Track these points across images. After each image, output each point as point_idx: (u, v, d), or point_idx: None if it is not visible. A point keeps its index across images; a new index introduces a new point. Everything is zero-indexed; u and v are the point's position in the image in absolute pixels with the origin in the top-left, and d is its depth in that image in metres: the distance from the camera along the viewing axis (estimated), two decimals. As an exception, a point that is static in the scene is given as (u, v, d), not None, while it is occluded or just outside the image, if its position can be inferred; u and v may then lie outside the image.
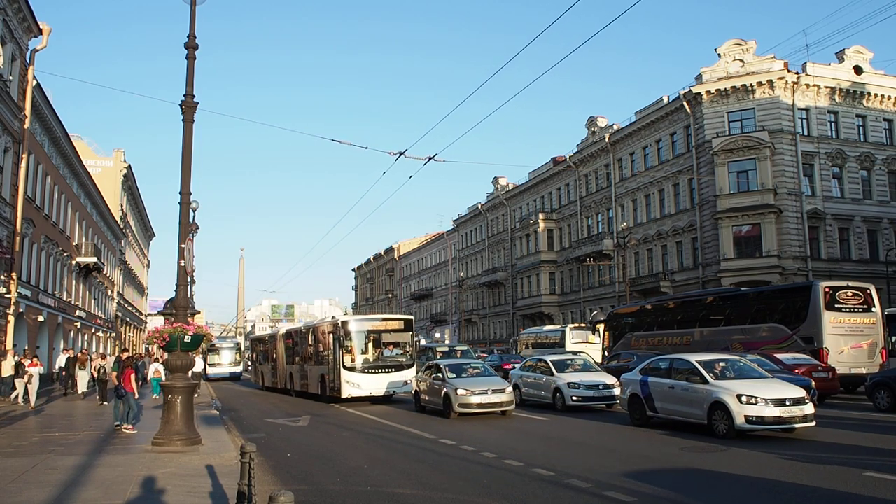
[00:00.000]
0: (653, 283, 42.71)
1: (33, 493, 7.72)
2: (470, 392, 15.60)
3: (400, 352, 21.41)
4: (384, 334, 21.71)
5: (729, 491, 7.84)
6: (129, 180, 54.11)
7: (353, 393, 20.07)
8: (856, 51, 40.30)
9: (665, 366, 13.50)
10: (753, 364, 13.90)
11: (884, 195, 39.72)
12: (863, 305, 21.45)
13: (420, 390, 17.89)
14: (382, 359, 20.97)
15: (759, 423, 11.00)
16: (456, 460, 10.36)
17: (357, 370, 20.28)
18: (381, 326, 22.09)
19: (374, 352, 21.08)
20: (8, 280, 24.37)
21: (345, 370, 20.24)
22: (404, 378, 20.67)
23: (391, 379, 20.59)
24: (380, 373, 20.50)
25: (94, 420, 16.05)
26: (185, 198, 12.02)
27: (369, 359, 20.80)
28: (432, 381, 17.08)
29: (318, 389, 22.66)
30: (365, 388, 20.17)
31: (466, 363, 18.30)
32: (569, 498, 7.59)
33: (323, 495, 8.02)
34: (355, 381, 20.13)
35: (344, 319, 21.48)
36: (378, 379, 20.43)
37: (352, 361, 20.37)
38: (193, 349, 12.48)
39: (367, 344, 21.10)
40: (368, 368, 20.46)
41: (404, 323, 22.27)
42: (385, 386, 20.47)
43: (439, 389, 16.46)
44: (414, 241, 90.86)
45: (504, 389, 15.85)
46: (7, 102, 23.90)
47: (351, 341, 20.64)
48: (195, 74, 11.98)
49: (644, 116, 45.19)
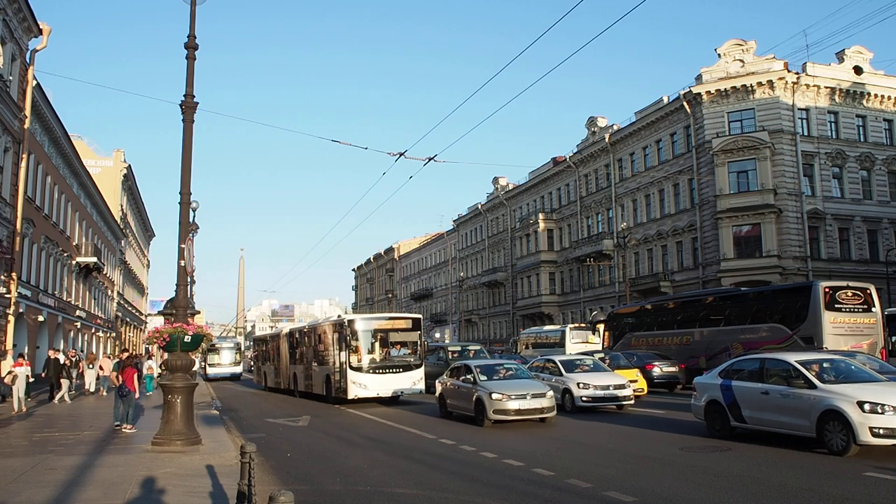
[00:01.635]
0: (653, 283, 42.71)
1: (33, 493, 7.71)
2: (506, 396, 14.00)
3: (408, 351, 20.90)
4: (391, 333, 21.15)
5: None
6: (129, 180, 54.11)
7: (360, 394, 19.62)
8: (856, 51, 40.30)
9: (755, 367, 11.55)
10: (864, 364, 12.19)
11: (884, 195, 39.71)
12: (863, 305, 21.45)
13: (445, 394, 16.40)
14: (390, 359, 20.48)
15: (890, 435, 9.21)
16: (456, 460, 10.36)
17: (364, 370, 19.84)
18: (389, 325, 21.49)
19: (382, 352, 20.61)
20: (8, 280, 24.37)
21: (351, 370, 19.77)
22: (413, 379, 20.25)
23: (399, 379, 20.10)
24: (387, 373, 20.04)
25: (94, 420, 16.04)
26: (185, 198, 12.02)
27: (376, 359, 20.33)
28: (460, 384, 15.63)
29: (323, 390, 22.12)
30: (372, 388, 19.70)
31: (499, 364, 16.62)
32: (569, 498, 7.59)
33: (323, 495, 8.02)
34: (362, 382, 19.68)
35: (350, 318, 20.87)
36: (385, 379, 19.94)
37: (358, 361, 19.92)
38: (193, 349, 12.48)
39: (374, 343, 20.64)
40: (376, 369, 20.00)
41: (412, 322, 21.70)
42: (393, 387, 19.97)
43: (469, 393, 14.96)
44: (414, 241, 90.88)
45: (544, 394, 14.28)
46: (7, 102, 23.90)
47: (357, 341, 20.19)
48: (195, 74, 12.00)
49: (644, 116, 45.19)
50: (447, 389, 16.35)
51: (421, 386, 20.48)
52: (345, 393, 19.86)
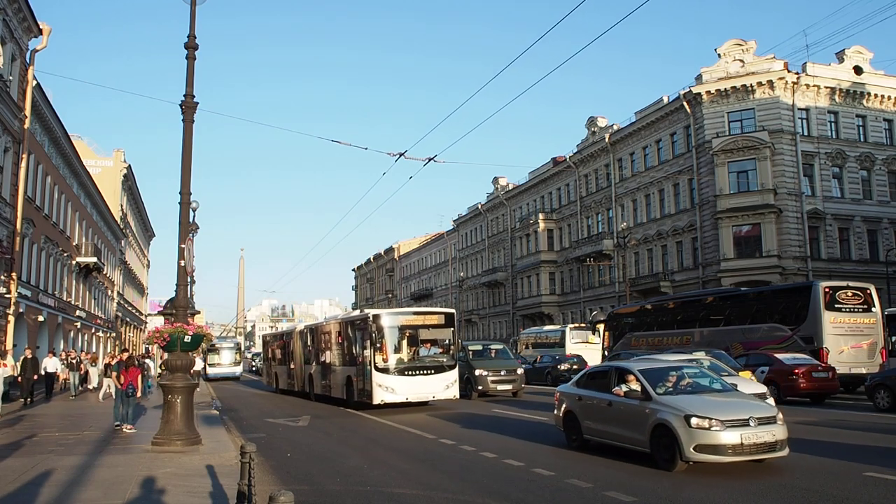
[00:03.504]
0: (653, 283, 42.71)
1: (33, 492, 7.72)
2: (716, 423, 8.52)
3: (439, 351, 18.87)
4: (422, 330, 19.12)
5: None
6: (129, 180, 54.09)
7: (388, 398, 17.59)
8: (856, 51, 40.30)
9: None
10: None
11: (884, 195, 39.71)
12: (863, 305, 21.46)
13: (579, 413, 10.88)
14: (420, 359, 18.50)
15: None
16: (456, 460, 10.36)
17: (391, 372, 17.81)
18: (419, 321, 19.49)
19: (410, 351, 18.63)
20: (8, 280, 24.36)
21: (377, 372, 17.73)
22: (446, 382, 18.26)
23: (431, 383, 18.09)
24: (417, 375, 18.06)
25: (94, 420, 16.04)
26: (185, 198, 12.02)
27: (405, 359, 18.33)
28: (612, 398, 10.06)
29: (343, 393, 20.08)
30: (401, 392, 17.69)
31: (674, 366, 10.79)
32: (569, 498, 7.58)
33: (323, 495, 8.02)
34: (389, 385, 17.63)
35: (376, 313, 18.73)
36: (416, 382, 17.94)
37: (385, 362, 17.86)
38: (193, 349, 12.48)
39: (402, 342, 18.62)
40: (405, 370, 17.98)
41: (445, 317, 19.60)
42: (424, 391, 18.01)
43: (636, 414, 9.49)
44: (414, 241, 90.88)
45: (774, 417, 8.90)
46: (7, 102, 23.89)
47: (384, 339, 18.10)
48: (195, 74, 11.99)
49: (644, 116, 45.19)
50: (583, 406, 10.88)
51: (455, 390, 18.50)
52: (369, 397, 17.87)
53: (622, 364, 11.25)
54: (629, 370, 10.27)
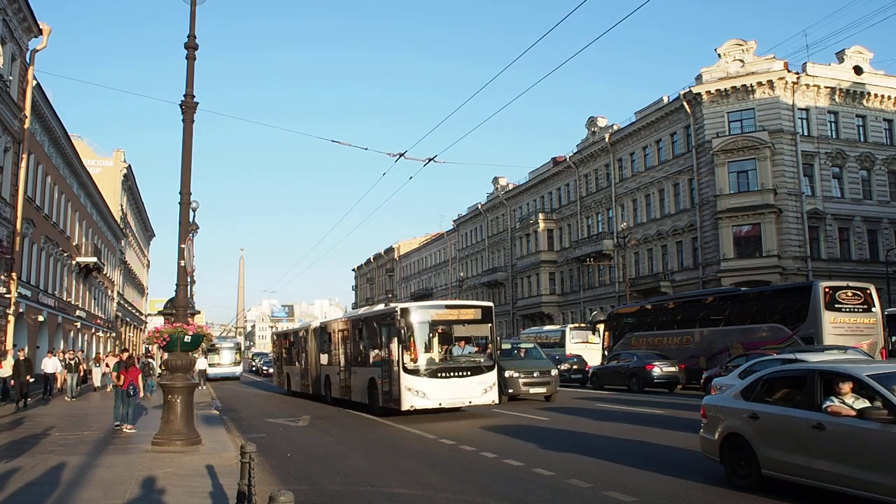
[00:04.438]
0: (653, 283, 42.71)
1: (33, 493, 7.72)
2: None
3: (474, 350, 17.03)
4: (456, 326, 17.07)
5: None
6: (129, 180, 54.11)
7: (418, 404, 15.58)
8: (856, 51, 40.31)
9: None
10: None
11: (884, 195, 39.72)
12: (863, 305, 21.47)
13: (748, 436, 7.59)
14: (454, 359, 16.54)
15: None
16: (456, 460, 10.36)
17: (422, 373, 15.76)
18: (453, 315, 17.28)
19: (443, 349, 16.74)
20: (8, 280, 24.38)
21: (405, 374, 15.71)
22: (483, 385, 16.22)
23: (467, 386, 16.07)
24: (452, 377, 16.01)
25: (94, 420, 16.05)
26: (185, 198, 12.02)
27: (436, 359, 16.34)
28: (822, 419, 6.75)
29: (365, 397, 18.22)
30: (433, 397, 15.66)
31: None
32: (569, 498, 7.58)
33: (323, 495, 8.02)
34: (420, 389, 15.59)
35: (404, 307, 16.67)
36: (450, 385, 15.89)
37: (414, 362, 15.83)
38: (193, 349, 12.49)
39: (434, 339, 16.67)
40: (437, 372, 15.93)
41: (482, 311, 17.41)
42: (459, 395, 16.04)
43: (882, 445, 6.19)
44: (414, 241, 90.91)
45: None
46: (7, 102, 23.90)
47: (413, 336, 16.05)
48: (195, 74, 12.00)
49: (644, 116, 45.20)
50: (761, 429, 7.52)
51: (493, 394, 16.46)
52: (397, 402, 15.89)
53: (832, 367, 7.41)
54: (851, 375, 6.88)
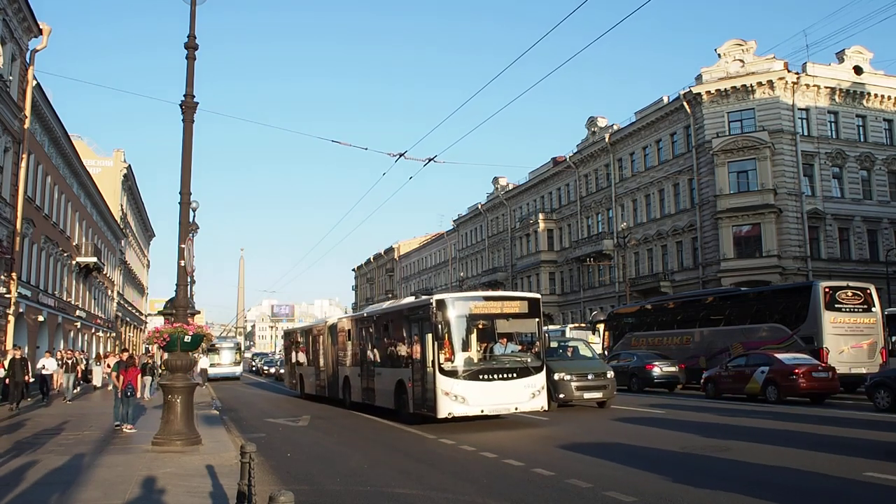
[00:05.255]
0: (653, 283, 42.71)
1: (33, 493, 7.72)
2: None
3: (518, 347, 15.11)
4: (499, 321, 14.99)
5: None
6: (129, 180, 54.12)
7: (457, 411, 13.52)
8: (856, 51, 40.31)
9: None
10: None
11: (884, 195, 39.72)
12: (863, 305, 21.46)
13: None
14: (497, 358, 14.49)
15: None
16: (456, 460, 10.35)
17: (460, 375, 13.68)
18: (496, 309, 15.15)
19: (484, 348, 14.85)
20: (8, 280, 24.37)
21: (442, 375, 13.62)
22: (531, 388, 14.19)
23: (513, 389, 14.00)
24: (496, 379, 13.96)
25: (94, 420, 16.04)
26: (185, 198, 12.01)
27: (475, 358, 14.35)
28: None
29: (390, 402, 16.20)
30: (474, 402, 13.62)
31: None
32: (569, 498, 7.58)
33: (323, 495, 8.01)
34: (460, 393, 13.53)
35: (440, 298, 14.43)
36: (494, 389, 13.86)
37: (452, 363, 13.78)
38: (193, 349, 12.49)
39: (475, 336, 14.79)
40: (480, 373, 13.89)
41: (529, 304, 15.24)
42: (504, 400, 13.95)
43: None
44: (414, 241, 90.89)
45: None
46: (7, 102, 23.89)
47: (451, 332, 13.99)
48: (195, 73, 11.99)
49: (644, 116, 45.20)
50: None
51: (542, 400, 14.40)
52: (432, 409, 13.83)
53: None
54: None
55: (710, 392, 20.89)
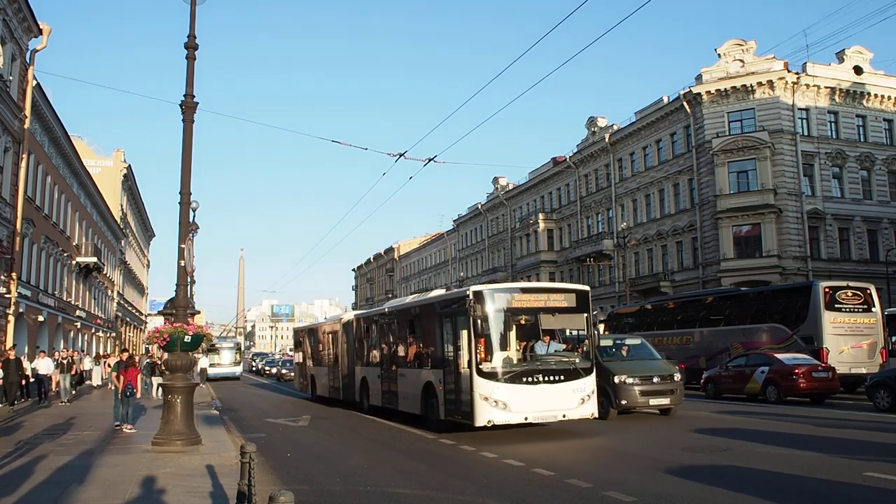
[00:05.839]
0: (653, 283, 42.70)
1: (33, 493, 7.72)
2: None
3: (562, 346, 13.55)
4: (543, 316, 13.06)
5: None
6: (129, 180, 54.13)
7: (498, 418, 11.89)
8: (856, 51, 40.29)
9: None
10: None
11: (884, 195, 39.71)
12: (863, 305, 21.47)
13: None
14: (540, 359, 12.83)
15: None
16: (456, 460, 10.35)
17: (501, 378, 12.01)
18: (540, 302, 13.20)
19: (524, 346, 13.18)
20: (8, 280, 24.37)
21: (480, 378, 11.98)
22: (580, 393, 12.53)
23: (559, 393, 12.37)
24: (541, 382, 12.31)
25: (93, 420, 16.04)
26: (185, 198, 12.02)
27: (515, 358, 12.74)
28: None
29: (417, 407, 14.56)
30: (517, 408, 11.96)
31: None
32: (569, 498, 7.58)
33: (323, 495, 8.01)
34: (500, 398, 11.88)
35: (478, 289, 12.62)
36: (539, 393, 12.23)
37: (491, 364, 12.10)
38: (193, 349, 12.49)
39: (514, 333, 13.30)
40: (523, 375, 12.23)
41: (577, 297, 13.33)
42: (550, 405, 12.25)
43: None
44: (414, 241, 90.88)
45: None
46: (7, 102, 23.89)
47: (490, 328, 12.30)
48: (195, 73, 11.99)
49: (644, 116, 45.19)
50: None
51: (592, 405, 12.74)
52: (468, 415, 12.20)
53: None
54: None
55: (710, 392, 20.91)
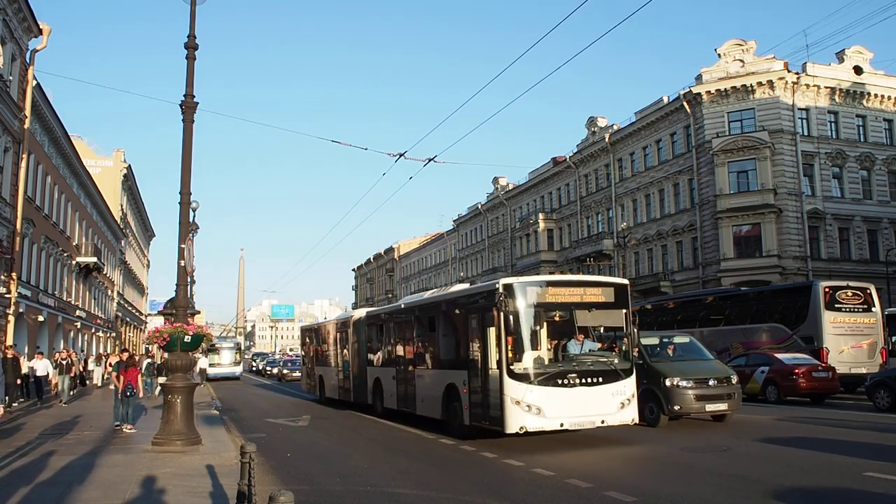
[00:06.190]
0: (653, 283, 42.68)
1: (34, 492, 7.72)
2: None
3: (597, 345, 12.26)
4: (579, 312, 11.79)
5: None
6: (129, 180, 54.13)
7: (531, 424, 10.77)
8: (856, 51, 40.29)
9: None
10: None
11: (884, 195, 39.70)
12: (863, 305, 21.47)
13: None
14: (575, 359, 11.56)
15: None
16: (456, 460, 10.35)
17: (534, 380, 10.90)
18: (576, 296, 11.87)
19: (555, 346, 11.92)
20: (8, 280, 24.37)
21: (511, 380, 10.86)
22: (620, 396, 11.42)
23: (597, 397, 11.24)
24: (577, 385, 11.12)
25: (93, 420, 16.04)
26: (185, 198, 12.02)
27: (547, 359, 11.57)
28: None
29: (438, 411, 13.42)
30: (552, 414, 10.83)
31: None
32: (569, 498, 7.58)
33: (323, 495, 8.02)
34: (534, 402, 10.75)
35: (508, 282, 11.44)
36: (575, 397, 11.06)
37: (523, 364, 10.99)
38: (193, 349, 12.49)
39: (548, 330, 12.02)
40: (557, 377, 11.06)
41: (615, 292, 12.19)
42: (587, 411, 11.15)
43: None
44: (414, 241, 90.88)
45: None
46: (7, 102, 23.89)
47: (521, 325, 11.17)
48: (195, 73, 11.99)
49: (644, 116, 45.18)
50: None
51: (632, 411, 11.61)
52: (498, 421, 11.05)
53: None
54: None
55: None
